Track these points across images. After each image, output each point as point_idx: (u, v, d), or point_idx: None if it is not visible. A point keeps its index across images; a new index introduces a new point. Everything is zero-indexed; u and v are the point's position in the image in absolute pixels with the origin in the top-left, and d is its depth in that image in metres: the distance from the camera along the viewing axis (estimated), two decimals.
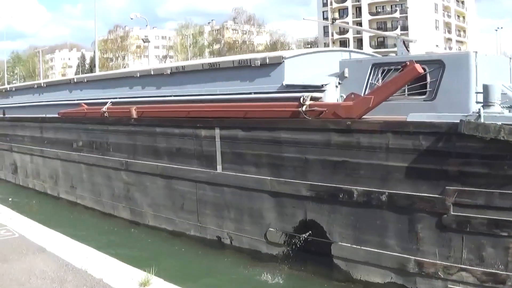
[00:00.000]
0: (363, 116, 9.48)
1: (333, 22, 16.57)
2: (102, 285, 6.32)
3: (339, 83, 10.85)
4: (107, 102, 15.14)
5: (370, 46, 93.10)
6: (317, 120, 9.94)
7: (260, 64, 11.48)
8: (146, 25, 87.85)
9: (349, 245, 9.53)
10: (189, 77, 13.10)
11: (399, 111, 9.50)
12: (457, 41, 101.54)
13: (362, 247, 9.38)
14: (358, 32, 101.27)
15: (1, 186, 21.83)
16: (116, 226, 14.30)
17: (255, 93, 11.61)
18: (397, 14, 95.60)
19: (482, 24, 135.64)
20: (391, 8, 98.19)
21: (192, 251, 11.94)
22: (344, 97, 10.52)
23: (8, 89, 22.80)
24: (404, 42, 13.31)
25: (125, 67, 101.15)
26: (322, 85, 10.60)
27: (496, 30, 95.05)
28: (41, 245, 8.13)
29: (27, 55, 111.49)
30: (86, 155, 15.86)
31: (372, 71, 10.45)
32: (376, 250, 9.20)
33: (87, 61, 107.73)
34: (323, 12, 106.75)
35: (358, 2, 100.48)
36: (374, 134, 9.08)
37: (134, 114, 13.73)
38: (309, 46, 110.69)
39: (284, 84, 11.06)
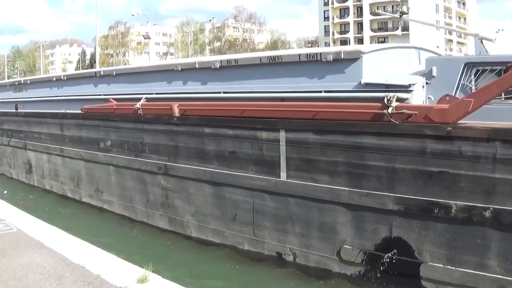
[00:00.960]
0: (459, 122, 8.16)
1: (401, 16, 15.37)
2: (100, 281, 6.18)
3: (426, 83, 9.39)
4: (140, 98, 13.57)
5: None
6: (409, 125, 8.49)
7: (333, 59, 9.96)
8: (147, 22, 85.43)
9: (442, 265, 8.23)
10: (243, 71, 11.54)
11: (493, 117, 8.36)
12: (458, 43, 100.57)
13: (457, 268, 8.09)
14: (359, 32, 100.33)
15: (12, 186, 20.13)
16: (149, 235, 12.75)
17: (326, 91, 10.12)
18: (398, 15, 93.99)
19: (483, 26, 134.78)
20: (393, 8, 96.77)
21: (248, 269, 10.44)
22: (432, 98, 9.11)
23: (22, 81, 21.02)
24: (481, 41, 11.94)
25: (125, 63, 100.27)
26: (410, 85, 9.12)
27: (497, 32, 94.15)
28: (39, 240, 7.90)
29: (28, 50, 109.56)
30: (116, 156, 14.26)
31: (465, 70, 9.17)
32: (474, 271, 7.98)
33: (88, 56, 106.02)
34: (324, 11, 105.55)
35: (360, 1, 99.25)
36: (480, 143, 7.76)
37: (177, 112, 12.15)
38: (309, 45, 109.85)
39: (362, 83, 9.58)
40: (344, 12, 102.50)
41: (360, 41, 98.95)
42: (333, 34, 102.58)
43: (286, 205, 10.20)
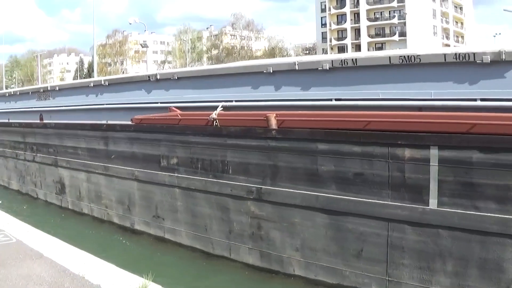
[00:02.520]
0: None
1: None
2: None
3: None
4: (213, 106, 11.06)
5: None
6: None
7: (491, 61, 7.65)
8: (145, 30, 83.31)
9: None
10: (363, 74, 9.04)
11: None
12: (455, 47, 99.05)
13: None
14: (356, 38, 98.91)
15: (39, 208, 17.38)
16: (235, 274, 10.18)
17: (482, 99, 7.84)
18: (395, 20, 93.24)
19: (480, 30, 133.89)
20: (389, 14, 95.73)
21: None
22: None
23: (48, 88, 18.25)
24: None
25: (123, 72, 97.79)
26: None
27: (494, 36, 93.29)
28: (39, 250, 7.68)
29: (26, 59, 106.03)
30: (185, 177, 11.70)
31: None
32: None
33: (85, 65, 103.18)
34: (321, 18, 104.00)
35: (357, 8, 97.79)
36: None
37: (274, 123, 9.57)
38: (307, 52, 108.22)
39: None
40: (341, 18, 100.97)
41: (357, 47, 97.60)
42: (330, 41, 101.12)
43: (435, 238, 7.93)
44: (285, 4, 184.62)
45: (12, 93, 20.94)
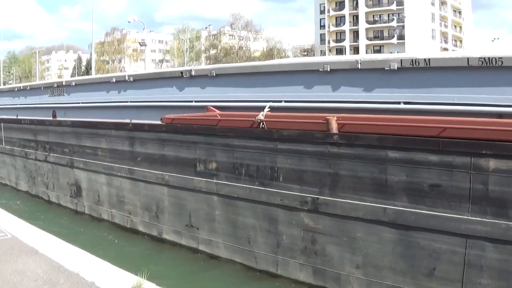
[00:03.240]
0: None
1: None
2: None
3: None
4: (257, 107, 10.02)
5: (366, 55, 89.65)
6: None
7: None
8: (143, 29, 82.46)
9: None
10: (437, 76, 8.03)
11: None
12: (454, 51, 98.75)
13: None
14: (354, 40, 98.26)
15: (51, 212, 16.21)
16: None
17: None
18: (394, 23, 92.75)
19: (479, 35, 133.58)
20: (388, 17, 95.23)
21: None
22: None
23: (63, 83, 17.03)
24: None
25: (121, 70, 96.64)
26: None
27: (493, 41, 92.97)
28: (34, 246, 7.58)
29: (24, 56, 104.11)
30: (226, 183, 10.62)
31: None
32: None
33: (83, 63, 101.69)
34: (320, 19, 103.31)
35: (356, 10, 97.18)
36: None
37: (335, 127, 8.52)
38: (305, 53, 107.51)
39: None
40: (340, 20, 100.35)
41: (355, 49, 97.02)
42: (329, 43, 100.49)
43: None
44: (284, 5, 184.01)
45: (21, 88, 19.70)
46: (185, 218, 11.67)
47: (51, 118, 17.24)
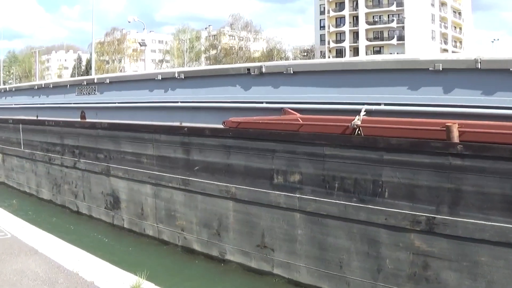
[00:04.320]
0: None
1: None
2: None
3: None
4: (343, 109, 8.50)
5: (366, 55, 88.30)
6: None
7: None
8: (143, 29, 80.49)
9: None
10: None
11: None
12: (453, 52, 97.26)
13: None
14: (354, 41, 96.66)
15: (80, 224, 13.96)
16: None
17: None
18: (394, 24, 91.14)
19: (478, 36, 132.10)
20: (388, 17, 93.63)
21: None
22: None
23: (95, 80, 14.68)
24: None
25: (121, 70, 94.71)
26: None
27: (493, 42, 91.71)
28: (33, 246, 7.36)
29: (24, 55, 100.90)
30: (312, 198, 8.76)
31: None
32: None
33: (83, 63, 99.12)
34: (320, 20, 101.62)
35: (356, 11, 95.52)
36: None
37: (456, 136, 6.61)
38: (305, 54, 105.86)
39: None
40: (340, 21, 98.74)
41: (355, 50, 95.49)
42: (328, 43, 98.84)
43: None
44: (284, 6, 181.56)
45: (43, 85, 17.34)
46: (256, 237, 9.70)
47: (79, 120, 14.93)
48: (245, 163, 10.05)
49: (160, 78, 12.30)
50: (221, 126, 10.57)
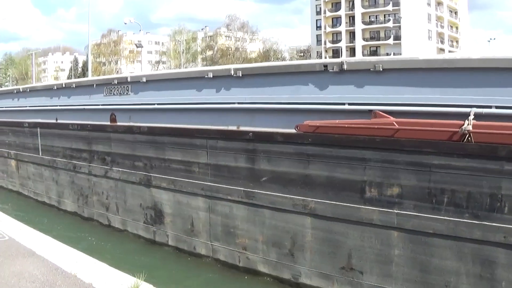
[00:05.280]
0: None
1: None
2: None
3: None
4: (444, 112, 7.19)
5: (363, 55, 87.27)
6: None
7: None
8: (140, 30, 78.68)
9: None
10: None
11: None
12: (450, 52, 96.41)
13: None
14: (351, 41, 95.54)
15: (113, 240, 12.20)
16: None
17: None
18: (390, 24, 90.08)
19: (475, 35, 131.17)
20: (384, 17, 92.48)
21: None
22: None
23: (128, 79, 12.81)
24: None
25: (117, 71, 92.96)
26: None
27: (489, 41, 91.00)
28: (31, 248, 7.15)
29: (20, 58, 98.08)
30: (414, 214, 7.46)
31: None
32: None
33: (80, 65, 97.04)
34: (316, 20, 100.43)
35: (352, 11, 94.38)
36: None
37: None
38: (302, 54, 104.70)
39: None
40: (336, 21, 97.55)
41: (352, 50, 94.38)
42: (325, 43, 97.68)
43: None
44: (280, 6, 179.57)
45: (63, 85, 15.44)
46: (341, 258, 8.24)
47: (109, 123, 13.11)
48: (328, 173, 8.42)
49: (211, 76, 10.53)
50: (292, 130, 8.90)
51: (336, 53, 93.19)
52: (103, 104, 13.42)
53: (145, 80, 12.13)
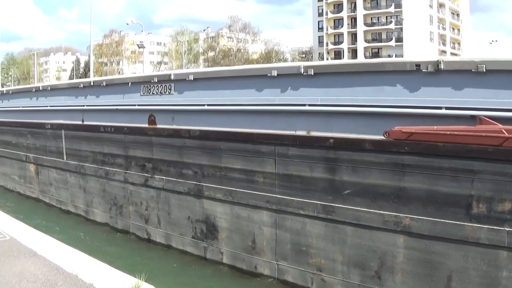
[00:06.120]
0: None
1: None
2: None
3: None
4: None
5: (365, 57, 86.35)
6: None
7: None
8: (142, 31, 77.53)
9: None
10: None
11: None
12: (452, 54, 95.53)
13: None
14: (353, 42, 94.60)
15: (156, 257, 10.84)
16: None
17: None
18: (392, 26, 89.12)
19: (476, 37, 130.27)
20: (386, 19, 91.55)
21: None
22: None
23: (171, 77, 11.32)
24: None
25: (119, 72, 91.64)
26: None
27: (491, 43, 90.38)
28: (32, 248, 7.01)
29: (22, 58, 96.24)
30: None
31: None
32: None
33: (82, 65, 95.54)
34: (318, 22, 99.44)
35: (354, 12, 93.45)
36: None
37: None
38: (303, 55, 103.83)
39: None
40: (338, 22, 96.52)
41: (353, 51, 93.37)
42: (327, 45, 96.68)
43: None
44: (282, 7, 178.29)
45: (91, 84, 14.01)
46: (439, 281, 7.11)
47: (146, 125, 11.74)
48: (427, 186, 7.14)
49: (276, 74, 9.18)
50: (377, 136, 7.60)
51: (338, 54, 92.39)
52: (140, 105, 12.04)
53: (192, 78, 10.72)
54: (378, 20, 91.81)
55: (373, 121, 7.92)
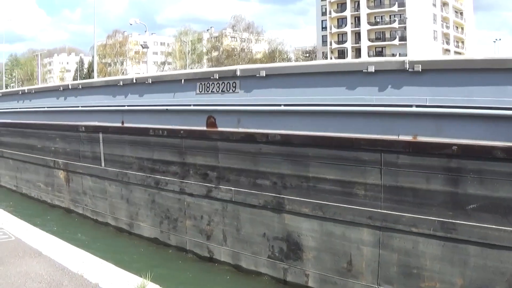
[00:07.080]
0: None
1: None
2: None
3: None
4: None
5: (369, 56, 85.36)
6: None
7: None
8: (145, 31, 76.33)
9: None
10: None
11: None
12: (455, 52, 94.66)
13: None
14: (356, 42, 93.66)
15: (222, 280, 9.39)
16: None
17: None
18: (395, 25, 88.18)
19: (480, 36, 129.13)
20: (390, 18, 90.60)
21: None
22: None
23: (237, 73, 9.81)
24: None
25: (123, 72, 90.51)
26: None
27: (494, 42, 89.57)
28: (38, 248, 7.00)
29: (26, 59, 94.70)
30: None
31: None
32: None
33: (85, 65, 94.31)
34: (322, 21, 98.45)
35: (357, 11, 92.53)
36: None
37: None
38: (307, 55, 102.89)
39: None
40: (341, 22, 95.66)
41: (357, 50, 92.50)
42: (330, 44, 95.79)
43: None
44: (285, 7, 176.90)
45: (134, 81, 12.46)
46: None
47: (205, 128, 10.25)
48: None
49: (373, 70, 7.72)
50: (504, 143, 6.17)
51: (341, 54, 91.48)
52: (196, 104, 10.51)
53: (264, 74, 9.21)
54: (381, 19, 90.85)
55: (493, 124, 6.51)
